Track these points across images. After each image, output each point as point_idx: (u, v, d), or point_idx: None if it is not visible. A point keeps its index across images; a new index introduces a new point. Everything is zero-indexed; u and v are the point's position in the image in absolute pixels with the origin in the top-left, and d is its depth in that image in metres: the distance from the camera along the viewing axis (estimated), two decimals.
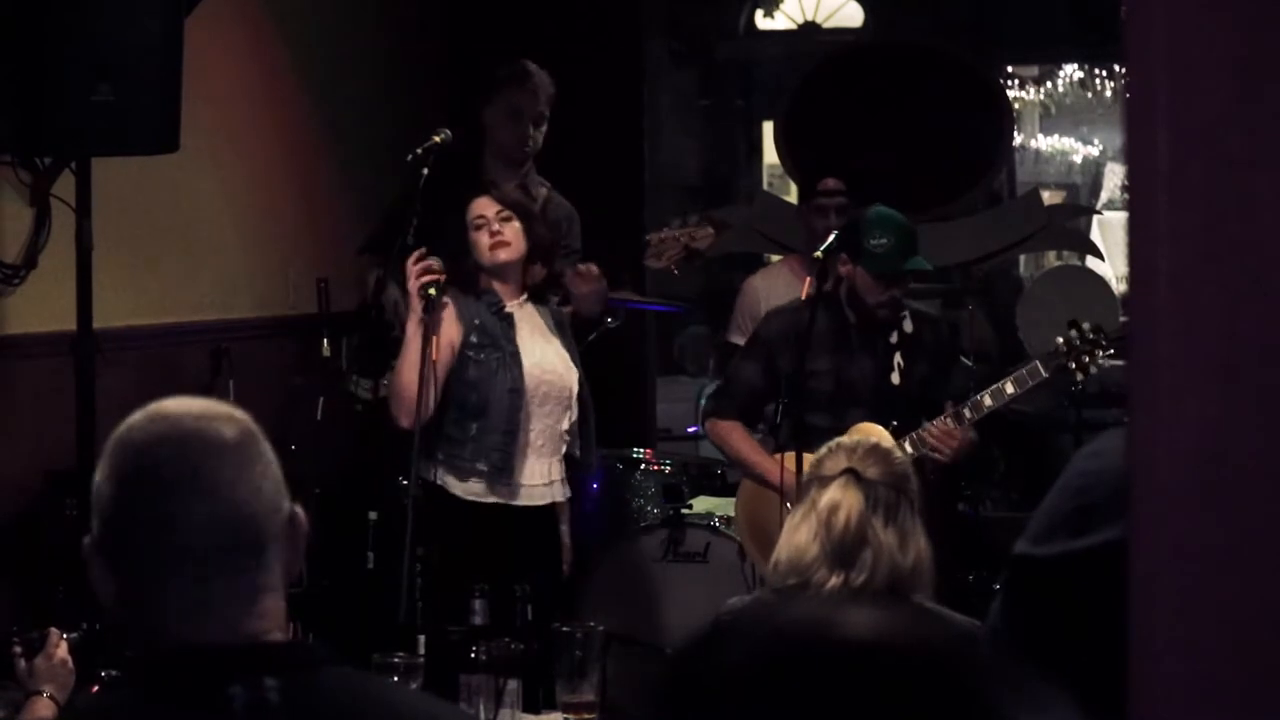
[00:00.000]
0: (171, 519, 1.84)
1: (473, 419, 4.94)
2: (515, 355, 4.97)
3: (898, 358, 5.24)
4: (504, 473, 4.95)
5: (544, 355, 5.02)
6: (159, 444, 1.87)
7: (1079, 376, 5.28)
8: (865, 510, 3.30)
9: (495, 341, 4.97)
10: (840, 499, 3.31)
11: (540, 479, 5.02)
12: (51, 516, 5.23)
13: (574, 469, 5.17)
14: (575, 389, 5.06)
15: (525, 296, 5.06)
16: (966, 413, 5.11)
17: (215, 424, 1.88)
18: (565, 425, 5.05)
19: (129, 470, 1.88)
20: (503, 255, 4.99)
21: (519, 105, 5.85)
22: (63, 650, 3.51)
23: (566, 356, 5.06)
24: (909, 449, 5.03)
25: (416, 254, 4.87)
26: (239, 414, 1.92)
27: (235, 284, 6.46)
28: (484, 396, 4.94)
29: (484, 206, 5.00)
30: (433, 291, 4.83)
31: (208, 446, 1.86)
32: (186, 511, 1.84)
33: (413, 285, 4.86)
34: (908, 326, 5.27)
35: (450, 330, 4.94)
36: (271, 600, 1.88)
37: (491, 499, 4.97)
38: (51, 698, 3.46)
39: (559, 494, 5.07)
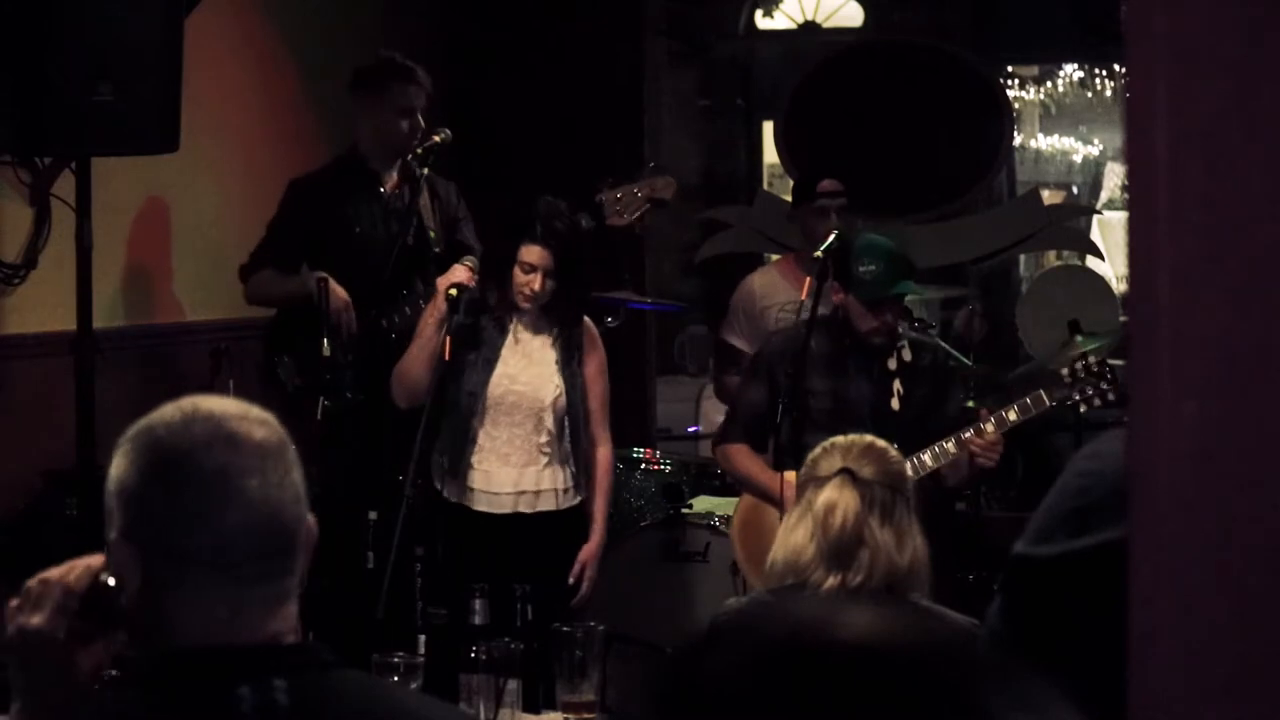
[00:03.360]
0: (217, 524, 1.83)
1: (442, 416, 5.04)
2: (490, 361, 5.04)
3: (897, 384, 5.23)
4: (456, 474, 5.03)
5: (523, 367, 5.08)
6: (205, 447, 1.85)
7: (1082, 409, 5.29)
8: (862, 510, 3.29)
9: (475, 343, 5.05)
10: (837, 499, 3.30)
11: (507, 487, 5.05)
12: (51, 516, 5.23)
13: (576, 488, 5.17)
14: (549, 401, 5.07)
15: (536, 310, 5.11)
16: (967, 437, 5.10)
17: (255, 427, 1.88)
18: (543, 439, 5.07)
19: (172, 471, 1.86)
20: (525, 305, 5.07)
21: (408, 102, 5.83)
22: None
23: (555, 371, 5.08)
24: (910, 473, 5.01)
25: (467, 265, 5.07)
26: (270, 417, 1.91)
27: (235, 284, 6.45)
28: (452, 395, 5.04)
29: (535, 256, 5.03)
30: (453, 292, 4.97)
31: (252, 451, 1.85)
32: (232, 517, 1.83)
33: (441, 285, 5.02)
34: (906, 355, 5.27)
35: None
36: (293, 605, 1.89)
37: (454, 500, 5.05)
38: None
39: (530, 505, 5.07)
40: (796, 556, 3.30)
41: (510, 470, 5.05)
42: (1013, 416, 5.12)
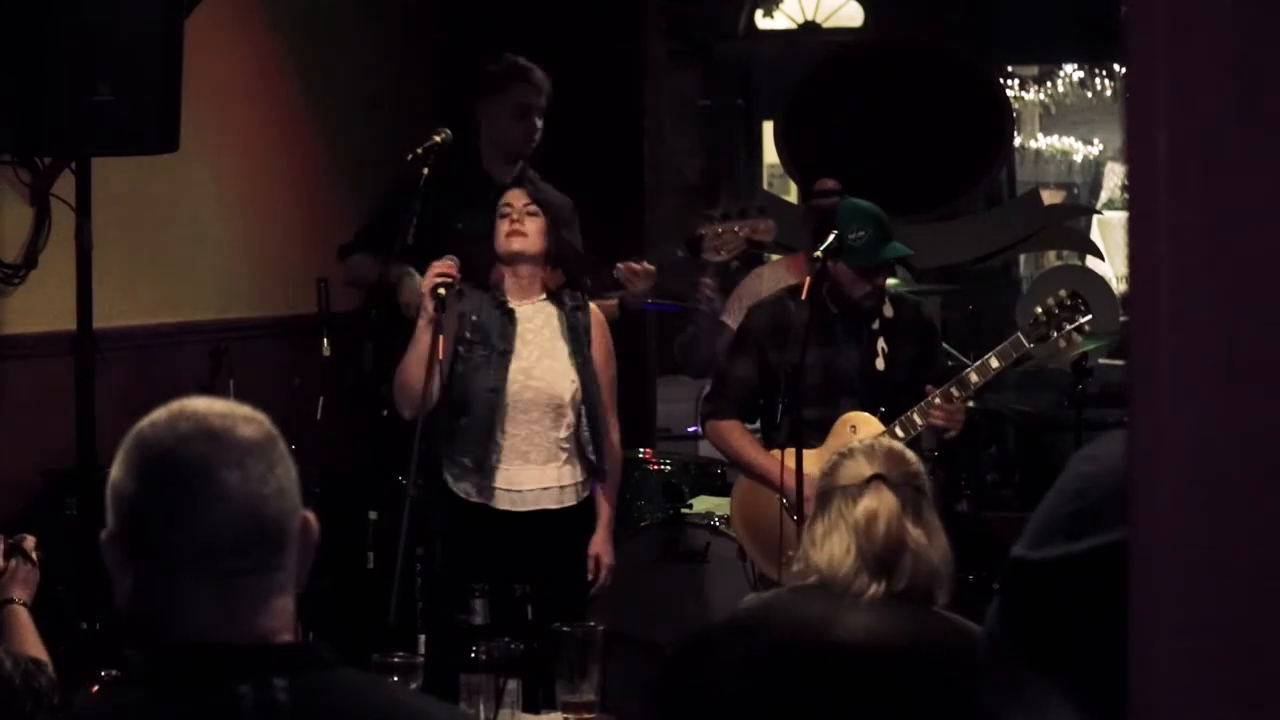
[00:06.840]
0: (197, 517, 1.84)
1: (460, 415, 4.98)
2: (505, 355, 5.00)
3: (880, 344, 5.25)
4: (480, 473, 4.97)
5: (538, 360, 5.02)
6: (186, 442, 1.86)
7: (1061, 344, 5.29)
8: (901, 514, 3.26)
9: (487, 339, 5.00)
10: (877, 507, 3.25)
11: (529, 485, 5.00)
12: (51, 516, 5.23)
13: (595, 477, 5.14)
14: (568, 398, 5.02)
15: (543, 297, 5.08)
16: (954, 390, 5.13)
17: (240, 424, 1.89)
18: (562, 434, 5.02)
19: (154, 468, 1.87)
20: (516, 244, 5.02)
21: (526, 102, 5.85)
22: (34, 554, 3.58)
23: (569, 364, 5.04)
24: (899, 432, 5.03)
25: (447, 260, 4.96)
26: (260, 415, 1.92)
27: (235, 284, 6.46)
28: (466, 393, 4.98)
29: (513, 197, 5.07)
30: (442, 291, 4.90)
31: (234, 446, 1.86)
32: (212, 510, 1.84)
33: (425, 285, 4.93)
34: (888, 311, 5.28)
35: (449, 325, 4.99)
36: (286, 602, 1.89)
37: (476, 499, 4.99)
38: (25, 605, 3.51)
39: (555, 501, 5.03)
40: (835, 569, 3.23)
41: (532, 468, 5.00)
42: (995, 363, 5.15)
